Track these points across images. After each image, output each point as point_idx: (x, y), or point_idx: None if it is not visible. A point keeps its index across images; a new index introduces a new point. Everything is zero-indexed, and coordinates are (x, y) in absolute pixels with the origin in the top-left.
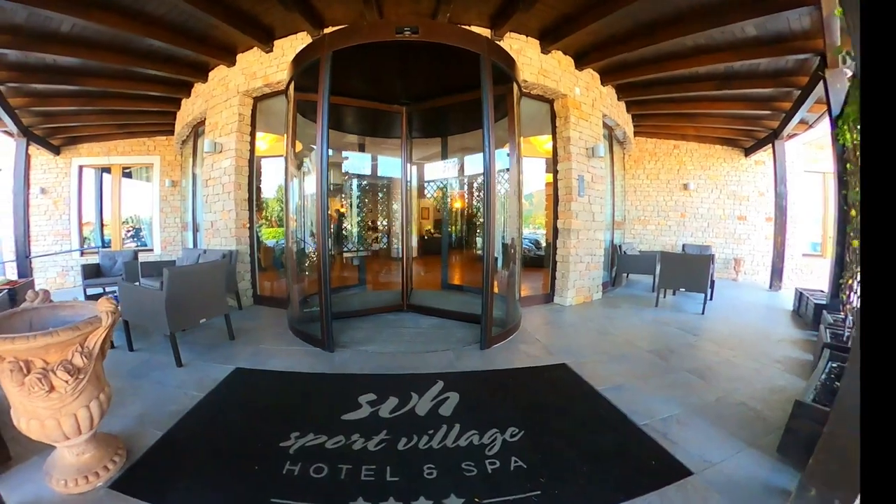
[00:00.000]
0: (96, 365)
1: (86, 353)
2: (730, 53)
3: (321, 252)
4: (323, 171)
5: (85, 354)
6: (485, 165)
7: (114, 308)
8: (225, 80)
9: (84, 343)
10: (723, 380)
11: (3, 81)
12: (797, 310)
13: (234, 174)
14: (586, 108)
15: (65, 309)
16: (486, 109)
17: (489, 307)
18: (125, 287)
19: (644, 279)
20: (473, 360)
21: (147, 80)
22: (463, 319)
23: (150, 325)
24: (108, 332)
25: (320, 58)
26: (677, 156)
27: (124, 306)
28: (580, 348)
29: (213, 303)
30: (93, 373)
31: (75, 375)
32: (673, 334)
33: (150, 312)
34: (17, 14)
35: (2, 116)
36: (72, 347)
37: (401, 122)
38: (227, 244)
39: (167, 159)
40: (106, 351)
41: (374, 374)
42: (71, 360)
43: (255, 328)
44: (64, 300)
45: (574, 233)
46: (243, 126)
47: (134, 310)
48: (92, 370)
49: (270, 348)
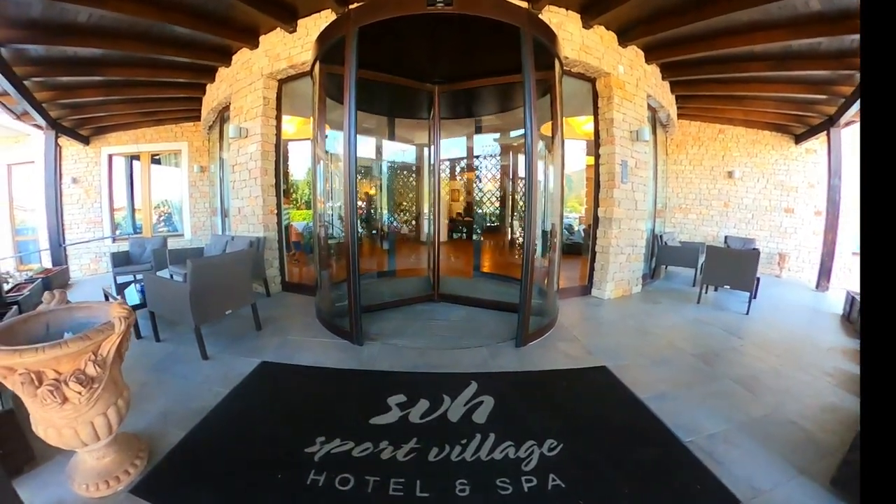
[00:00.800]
0: (112, 371)
1: (99, 361)
2: (788, 30)
3: (350, 243)
4: (352, 155)
5: (98, 363)
6: (527, 148)
7: (127, 313)
8: (248, 63)
9: (98, 351)
10: (770, 392)
11: (28, 77)
12: (847, 315)
13: (261, 159)
14: (630, 88)
15: (81, 310)
16: (528, 88)
17: (527, 302)
18: (150, 279)
19: (684, 272)
20: (509, 360)
21: (170, 66)
22: (496, 308)
23: (175, 318)
24: (122, 338)
25: (345, 35)
26: (722, 141)
27: (150, 298)
28: (620, 349)
29: (238, 293)
30: (109, 379)
31: (89, 386)
32: (717, 336)
33: (175, 305)
34: (32, 8)
35: (29, 111)
36: (84, 357)
37: (432, 102)
38: (254, 230)
39: (195, 145)
40: (124, 354)
41: (403, 372)
42: (84, 369)
43: (283, 317)
44: (80, 301)
45: (616, 222)
46: (268, 110)
47: (159, 302)
48: (108, 377)
49: (297, 339)
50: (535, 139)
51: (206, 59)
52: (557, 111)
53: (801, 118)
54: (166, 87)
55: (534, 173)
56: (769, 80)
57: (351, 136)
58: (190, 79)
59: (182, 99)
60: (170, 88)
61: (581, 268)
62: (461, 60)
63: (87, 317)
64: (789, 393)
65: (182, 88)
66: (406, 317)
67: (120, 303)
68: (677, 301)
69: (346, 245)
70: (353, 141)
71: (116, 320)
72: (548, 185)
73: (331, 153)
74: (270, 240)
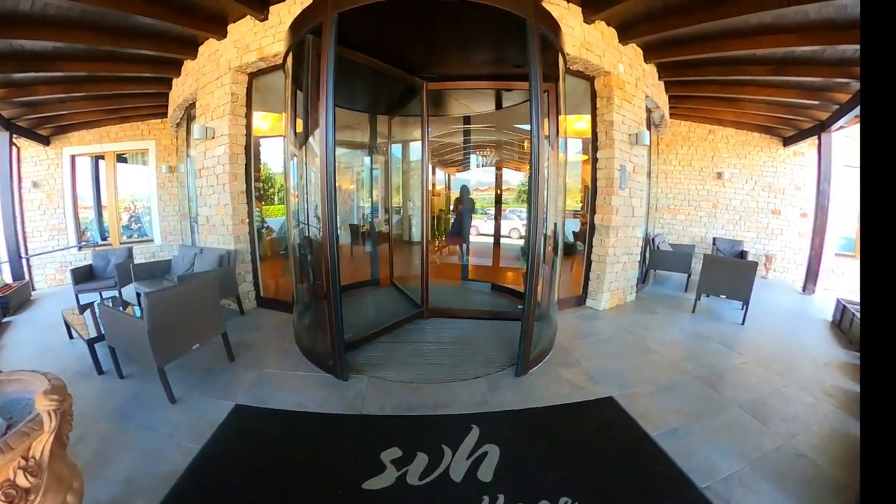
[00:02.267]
0: (54, 467)
1: (32, 467)
2: (797, 36)
3: (329, 268)
4: (329, 163)
5: (31, 471)
6: (532, 149)
7: (57, 404)
8: (215, 55)
9: (28, 455)
10: (779, 419)
11: None
12: (838, 323)
13: (229, 163)
14: (630, 89)
15: (11, 384)
16: (535, 86)
17: (529, 327)
18: (105, 312)
19: (674, 274)
20: (510, 393)
21: (131, 60)
22: (489, 318)
23: (136, 355)
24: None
25: (322, 21)
26: (712, 142)
27: (108, 331)
28: (624, 373)
29: (206, 325)
30: (51, 478)
31: (23, 499)
32: (718, 353)
33: (134, 342)
34: None
35: None
36: (11, 466)
37: (421, 98)
38: (224, 242)
39: (163, 143)
40: (67, 439)
41: (396, 417)
42: (14, 480)
43: (258, 343)
44: (10, 372)
45: (613, 230)
46: (237, 107)
47: (118, 337)
48: (49, 475)
49: (275, 373)
50: (540, 140)
51: (169, 52)
52: (560, 110)
53: (792, 122)
54: (129, 82)
55: (540, 172)
56: (766, 83)
57: (328, 138)
58: (153, 73)
59: (148, 94)
60: (133, 84)
61: (574, 274)
62: (456, 53)
63: (19, 392)
64: (797, 420)
65: (146, 83)
66: (394, 338)
67: (47, 394)
68: (672, 310)
69: (324, 267)
70: (329, 143)
71: (45, 415)
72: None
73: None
74: (242, 252)
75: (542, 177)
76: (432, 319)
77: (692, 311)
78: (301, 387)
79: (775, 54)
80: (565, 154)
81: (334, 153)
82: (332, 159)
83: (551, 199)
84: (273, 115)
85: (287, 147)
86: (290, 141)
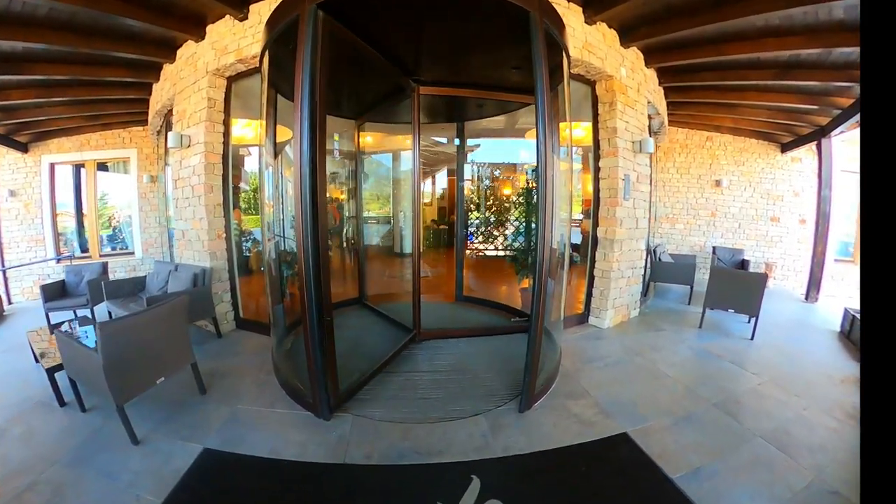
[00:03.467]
0: None
1: None
2: (804, 38)
3: (305, 289)
4: (305, 175)
5: None
6: (538, 154)
7: None
8: (193, 58)
9: None
10: (804, 450)
11: None
12: (847, 334)
13: (205, 174)
14: (632, 94)
15: None
16: (540, 83)
17: (535, 357)
18: (62, 339)
19: (674, 286)
20: (513, 433)
21: (108, 63)
22: (484, 335)
23: (95, 390)
24: None
25: (300, 13)
26: (710, 149)
27: (65, 361)
28: (637, 403)
29: (172, 355)
30: None
31: None
32: (731, 374)
33: (90, 376)
34: None
35: None
36: None
37: (412, 102)
38: (200, 259)
39: (144, 152)
40: None
41: (384, 467)
42: None
43: (233, 372)
44: None
45: (617, 244)
46: (214, 113)
47: (75, 368)
48: None
49: (250, 410)
50: (547, 143)
51: (148, 54)
52: (567, 112)
53: (791, 127)
54: (108, 87)
55: (548, 184)
56: (767, 88)
57: (304, 147)
58: (132, 77)
59: (128, 100)
60: (113, 88)
61: (574, 290)
62: (450, 54)
63: None
64: (823, 450)
65: (126, 89)
66: (382, 367)
67: None
68: (678, 326)
69: (300, 289)
70: (306, 152)
71: None
72: None
73: None
74: (219, 270)
75: (549, 187)
76: (425, 343)
77: (699, 327)
78: (278, 427)
79: (779, 58)
80: (570, 161)
81: (315, 155)
82: (307, 160)
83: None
84: (258, 121)
85: (262, 156)
86: (267, 149)
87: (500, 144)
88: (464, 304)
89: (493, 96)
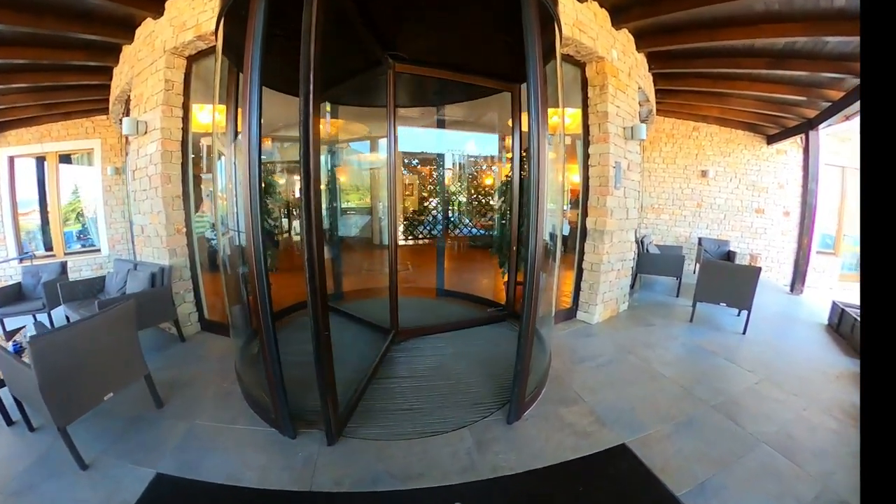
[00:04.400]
0: None
1: None
2: (803, 25)
3: (258, 301)
4: (254, 161)
5: None
6: (531, 136)
7: None
8: (151, 37)
9: None
10: (810, 455)
11: None
12: (835, 327)
13: (161, 163)
14: (623, 78)
15: None
16: (533, 59)
17: (526, 365)
18: None
19: (660, 278)
20: (502, 449)
21: (65, 45)
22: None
23: (37, 409)
24: None
25: None
26: (696, 139)
27: (6, 379)
28: (634, 409)
29: (121, 368)
30: None
31: None
32: (728, 372)
33: (31, 395)
34: None
35: None
36: None
37: (386, 84)
38: (159, 256)
39: (109, 142)
40: None
41: (358, 495)
42: None
43: (194, 381)
44: None
45: (608, 235)
46: (172, 96)
47: (16, 385)
48: None
49: (209, 427)
50: (541, 123)
51: (105, 35)
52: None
53: (778, 119)
54: (67, 71)
55: (541, 170)
56: (758, 78)
57: (252, 127)
58: (90, 60)
59: (90, 87)
60: (72, 73)
61: (561, 282)
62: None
63: None
64: (828, 454)
65: (86, 73)
66: (357, 372)
67: None
68: (669, 320)
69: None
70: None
71: None
72: None
73: None
74: (180, 268)
75: (542, 174)
76: (404, 345)
77: (690, 321)
78: (239, 447)
79: (774, 45)
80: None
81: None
82: (257, 143)
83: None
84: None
85: (214, 143)
86: (217, 136)
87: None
88: (446, 299)
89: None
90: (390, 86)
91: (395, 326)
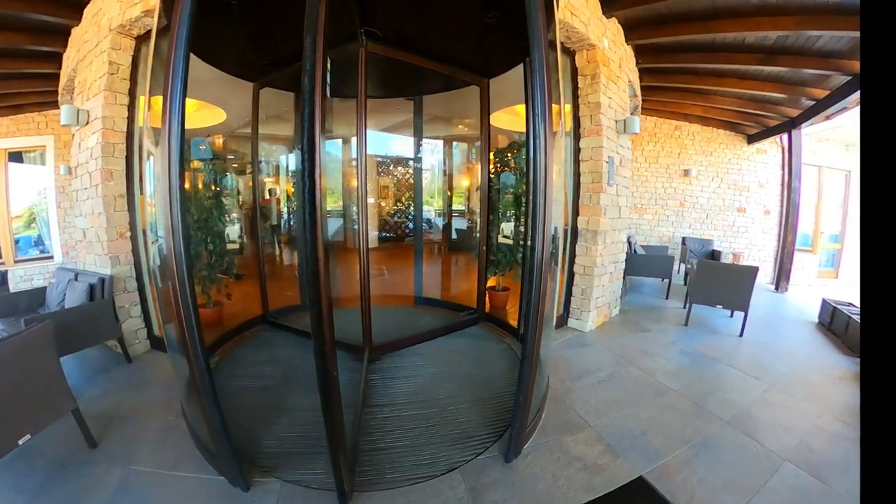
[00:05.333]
0: None
1: None
2: (798, 18)
3: (185, 327)
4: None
5: None
6: (533, 127)
7: None
8: (97, 15)
9: None
10: (833, 470)
11: None
12: (827, 325)
13: (102, 157)
14: (615, 68)
15: None
16: (538, 44)
17: (528, 395)
18: None
19: (646, 279)
20: (503, 498)
21: (10, 25)
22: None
23: None
24: None
25: None
26: (678, 138)
27: None
28: (646, 432)
29: (39, 403)
30: None
31: None
32: (734, 381)
33: None
34: None
35: None
36: None
37: (357, 65)
38: (101, 264)
39: (62, 139)
40: None
41: None
42: None
43: (137, 411)
44: None
45: (601, 235)
46: (117, 81)
47: None
48: None
49: (147, 474)
50: (548, 119)
51: (50, 14)
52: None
53: (760, 118)
54: (12, 56)
55: (547, 167)
56: (748, 75)
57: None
58: (38, 44)
59: (40, 76)
60: (18, 60)
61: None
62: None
63: None
64: (852, 468)
65: (35, 60)
66: None
67: None
68: (663, 324)
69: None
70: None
71: None
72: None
73: None
74: (123, 278)
75: (547, 171)
76: (378, 364)
77: (685, 324)
78: (181, 501)
79: (766, 40)
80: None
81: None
82: (179, 131)
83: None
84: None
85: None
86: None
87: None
88: (424, 307)
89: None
90: (362, 66)
91: (367, 343)
